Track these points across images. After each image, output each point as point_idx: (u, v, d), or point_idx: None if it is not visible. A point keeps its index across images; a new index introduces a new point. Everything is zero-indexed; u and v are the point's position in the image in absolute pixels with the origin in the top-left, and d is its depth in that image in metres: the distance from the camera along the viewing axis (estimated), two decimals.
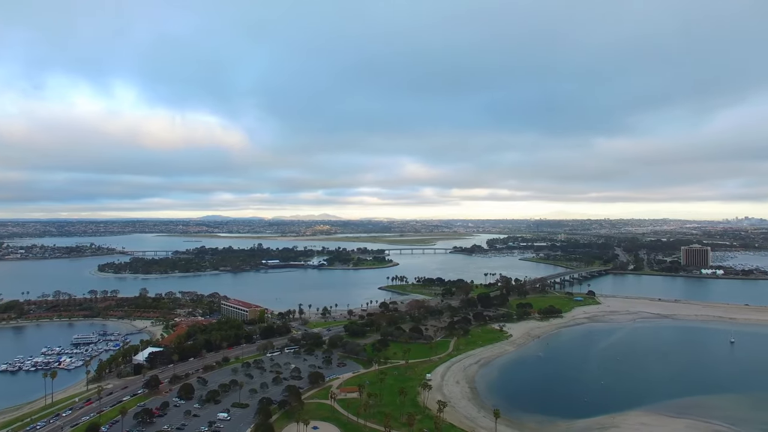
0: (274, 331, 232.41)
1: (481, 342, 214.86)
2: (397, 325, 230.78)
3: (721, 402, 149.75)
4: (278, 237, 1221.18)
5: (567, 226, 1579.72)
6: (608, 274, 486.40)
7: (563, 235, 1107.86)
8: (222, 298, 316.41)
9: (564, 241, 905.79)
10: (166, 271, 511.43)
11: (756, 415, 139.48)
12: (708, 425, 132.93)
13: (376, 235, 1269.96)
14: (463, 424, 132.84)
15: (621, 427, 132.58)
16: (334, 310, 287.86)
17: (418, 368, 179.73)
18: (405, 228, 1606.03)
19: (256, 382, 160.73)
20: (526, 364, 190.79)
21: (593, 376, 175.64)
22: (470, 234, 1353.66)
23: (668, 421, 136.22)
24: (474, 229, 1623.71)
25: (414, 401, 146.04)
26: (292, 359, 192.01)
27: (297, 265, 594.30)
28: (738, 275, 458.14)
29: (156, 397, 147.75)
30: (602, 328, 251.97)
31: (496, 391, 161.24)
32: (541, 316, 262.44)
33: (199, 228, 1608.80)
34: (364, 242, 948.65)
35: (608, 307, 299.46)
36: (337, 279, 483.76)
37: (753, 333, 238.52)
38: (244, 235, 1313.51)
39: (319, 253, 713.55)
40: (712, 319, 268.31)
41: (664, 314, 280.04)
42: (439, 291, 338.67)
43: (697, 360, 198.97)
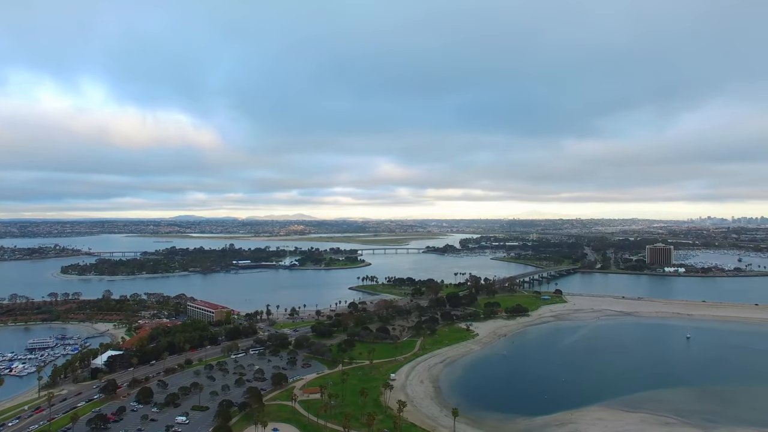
0: (240, 333, 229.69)
1: (448, 341, 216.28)
2: (365, 325, 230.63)
3: (673, 395, 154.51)
4: (251, 237, 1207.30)
5: (539, 225, 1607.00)
6: (576, 272, 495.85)
7: (535, 235, 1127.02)
8: (189, 299, 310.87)
9: (535, 241, 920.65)
10: (134, 273, 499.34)
11: (702, 407, 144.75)
12: (659, 418, 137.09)
13: (350, 235, 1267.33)
14: (425, 423, 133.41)
15: (578, 422, 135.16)
16: (303, 310, 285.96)
17: (382, 368, 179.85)
18: (379, 228, 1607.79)
19: (217, 384, 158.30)
20: (491, 363, 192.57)
21: (555, 374, 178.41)
22: (444, 234, 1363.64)
23: (623, 416, 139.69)
24: (448, 228, 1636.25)
25: (376, 401, 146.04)
26: (256, 361, 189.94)
27: (268, 266, 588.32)
28: (698, 273, 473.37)
29: (113, 402, 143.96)
30: (567, 326, 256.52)
31: (459, 390, 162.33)
32: (508, 315, 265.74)
33: (171, 228, 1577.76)
34: (338, 242, 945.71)
35: (574, 305, 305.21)
36: (308, 279, 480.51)
37: (708, 328, 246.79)
38: (217, 235, 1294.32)
39: (292, 253, 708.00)
40: (671, 316, 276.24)
41: (627, 312, 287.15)
42: (408, 291, 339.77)
43: (654, 355, 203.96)
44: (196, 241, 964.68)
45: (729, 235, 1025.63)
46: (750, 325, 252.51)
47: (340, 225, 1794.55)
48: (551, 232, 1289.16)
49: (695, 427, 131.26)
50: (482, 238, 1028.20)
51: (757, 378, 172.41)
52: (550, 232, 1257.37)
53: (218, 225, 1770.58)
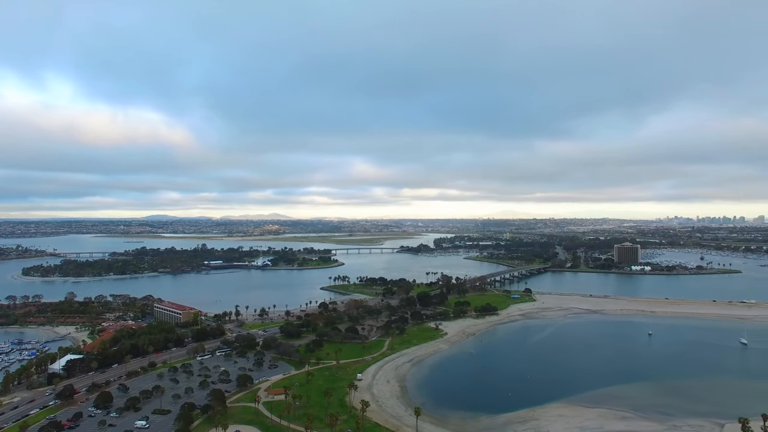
0: (208, 334, 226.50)
1: (416, 341, 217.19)
2: (334, 326, 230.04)
3: (632, 390, 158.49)
4: (225, 237, 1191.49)
5: (513, 225, 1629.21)
6: (547, 271, 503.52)
7: (508, 234, 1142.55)
8: (156, 300, 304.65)
9: (509, 241, 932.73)
10: (100, 274, 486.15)
11: (659, 400, 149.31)
12: (617, 413, 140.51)
13: (325, 235, 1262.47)
14: (389, 423, 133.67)
15: (540, 419, 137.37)
16: (273, 311, 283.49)
17: (350, 368, 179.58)
18: (355, 228, 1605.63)
19: (181, 387, 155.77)
20: (458, 362, 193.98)
21: (520, 372, 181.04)
22: (419, 233, 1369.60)
23: (583, 411, 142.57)
24: (423, 228, 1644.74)
25: (342, 402, 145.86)
26: (222, 362, 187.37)
27: (240, 266, 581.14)
28: (662, 271, 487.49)
29: (69, 408, 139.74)
30: (535, 324, 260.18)
31: (425, 389, 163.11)
32: (477, 314, 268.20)
33: (142, 228, 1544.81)
34: (313, 242, 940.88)
35: (543, 304, 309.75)
36: (280, 279, 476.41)
37: (668, 325, 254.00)
38: (190, 235, 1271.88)
39: (265, 253, 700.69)
40: (635, 313, 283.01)
41: (594, 309, 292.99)
42: (380, 290, 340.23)
43: (617, 352, 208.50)
44: (168, 242, 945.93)
45: (693, 234, 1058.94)
46: (707, 320, 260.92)
47: (315, 225, 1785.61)
48: (525, 231, 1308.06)
49: (651, 421, 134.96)
50: (456, 237, 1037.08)
51: (710, 372, 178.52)
52: (523, 232, 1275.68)
53: (191, 225, 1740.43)
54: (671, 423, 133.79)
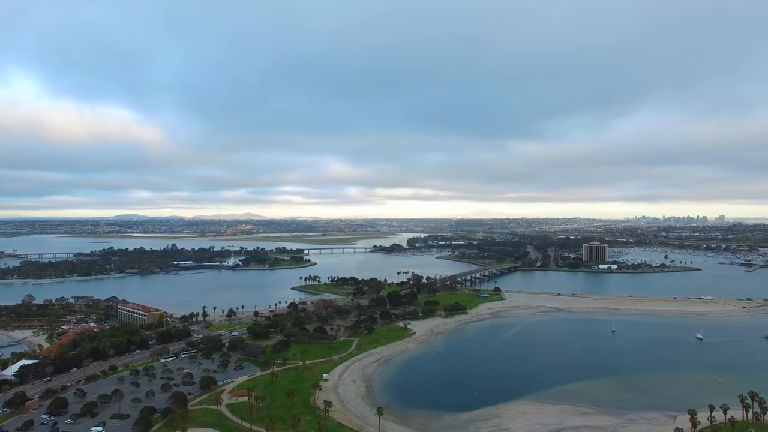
0: (173, 336, 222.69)
1: (385, 340, 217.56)
2: (302, 326, 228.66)
3: (593, 387, 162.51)
4: (196, 237, 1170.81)
5: (487, 225, 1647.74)
6: (518, 270, 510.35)
7: (481, 234, 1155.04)
8: (120, 302, 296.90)
9: (481, 240, 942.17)
10: (63, 275, 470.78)
11: (618, 396, 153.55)
12: (578, 409, 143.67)
13: (298, 235, 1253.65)
14: (352, 423, 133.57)
15: (503, 417, 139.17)
16: (241, 311, 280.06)
17: (316, 368, 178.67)
18: (329, 227, 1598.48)
19: (142, 390, 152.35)
20: (425, 361, 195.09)
21: (487, 370, 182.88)
22: (393, 233, 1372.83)
23: (545, 408, 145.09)
24: (398, 228, 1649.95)
25: (306, 402, 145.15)
26: (187, 364, 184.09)
27: (211, 266, 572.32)
28: (628, 269, 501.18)
29: (21, 416, 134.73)
30: (503, 322, 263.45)
31: (391, 389, 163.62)
32: (446, 313, 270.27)
33: (111, 228, 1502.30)
34: (286, 242, 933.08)
35: (512, 302, 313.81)
36: (251, 280, 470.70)
37: (631, 321, 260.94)
38: (161, 235, 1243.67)
39: (237, 253, 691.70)
40: (600, 311, 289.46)
41: (561, 308, 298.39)
42: (351, 290, 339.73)
43: (581, 349, 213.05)
44: (137, 242, 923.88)
45: (659, 233, 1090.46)
46: (667, 317, 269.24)
47: (289, 224, 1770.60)
48: (498, 231, 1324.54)
49: (609, 415, 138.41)
50: (430, 237, 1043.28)
51: (667, 366, 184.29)
52: (496, 231, 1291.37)
53: (163, 225, 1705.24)
54: (628, 417, 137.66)
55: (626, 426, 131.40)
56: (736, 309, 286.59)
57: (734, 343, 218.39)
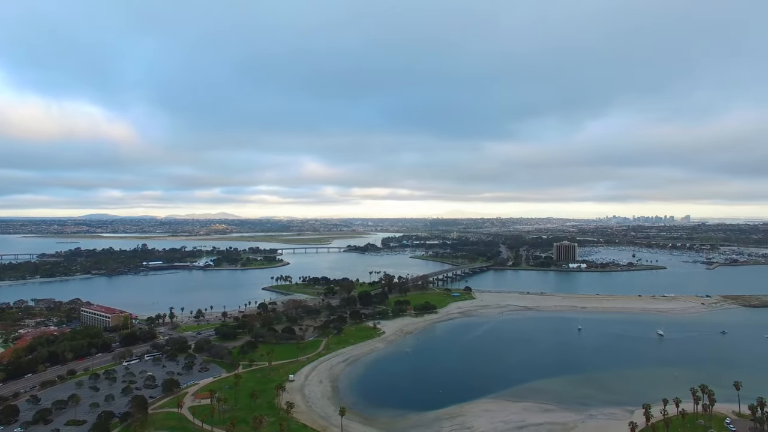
0: (138, 338, 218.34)
1: (353, 340, 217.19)
2: (270, 326, 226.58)
3: (556, 384, 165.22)
4: (168, 237, 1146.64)
5: (461, 224, 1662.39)
6: (490, 270, 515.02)
7: (456, 234, 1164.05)
8: (84, 304, 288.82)
9: (455, 239, 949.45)
10: (24, 277, 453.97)
11: (580, 392, 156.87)
12: (540, 406, 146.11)
13: (273, 234, 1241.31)
14: (316, 424, 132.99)
15: (466, 415, 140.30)
16: (209, 312, 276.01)
17: (283, 369, 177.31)
18: (304, 227, 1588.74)
19: (101, 394, 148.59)
20: (393, 361, 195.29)
21: (453, 369, 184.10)
22: (368, 233, 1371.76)
23: (509, 406, 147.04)
24: (373, 227, 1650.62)
25: (271, 403, 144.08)
26: (150, 367, 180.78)
27: (181, 267, 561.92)
28: (597, 268, 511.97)
29: None
30: (472, 321, 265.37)
31: (357, 389, 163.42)
32: (416, 313, 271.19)
33: (79, 228, 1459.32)
34: (260, 242, 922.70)
35: (482, 301, 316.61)
36: (222, 280, 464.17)
37: (597, 319, 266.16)
38: (131, 235, 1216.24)
39: (209, 253, 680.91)
40: (568, 309, 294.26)
41: (529, 306, 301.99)
42: (322, 290, 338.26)
43: (548, 347, 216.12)
44: (106, 242, 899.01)
45: (629, 233, 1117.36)
46: (631, 314, 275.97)
47: (264, 224, 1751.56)
48: (472, 230, 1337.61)
49: (571, 412, 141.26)
50: (404, 237, 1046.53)
51: (628, 363, 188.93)
52: (470, 231, 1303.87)
53: (134, 224, 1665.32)
54: (588, 413, 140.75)
55: (586, 422, 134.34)
56: (695, 306, 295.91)
57: (692, 338, 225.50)
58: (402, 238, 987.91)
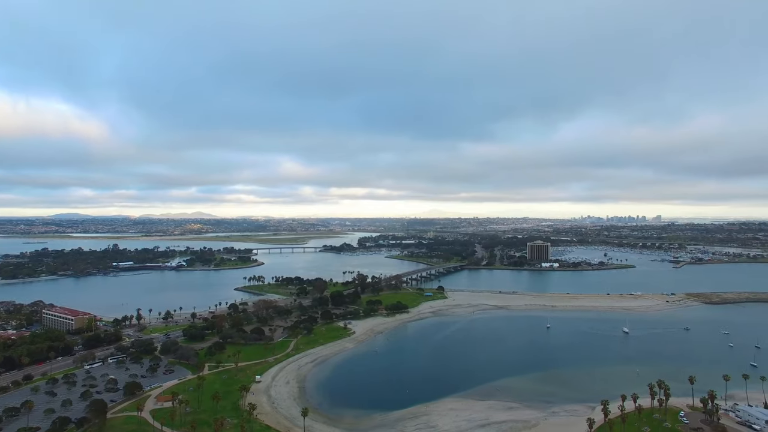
0: (102, 340, 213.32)
1: (323, 340, 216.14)
2: (240, 327, 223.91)
3: (522, 382, 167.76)
4: (141, 237, 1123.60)
5: (438, 224, 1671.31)
6: (464, 269, 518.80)
7: (432, 233, 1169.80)
8: (47, 306, 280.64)
9: (431, 239, 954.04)
10: None
11: (544, 389, 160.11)
12: (505, 404, 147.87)
13: (249, 234, 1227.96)
14: (280, 425, 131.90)
15: (431, 414, 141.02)
16: (179, 313, 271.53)
17: (250, 370, 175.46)
18: (281, 227, 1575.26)
19: (58, 400, 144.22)
20: (361, 361, 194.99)
21: (422, 368, 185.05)
22: (345, 232, 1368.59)
23: (474, 404, 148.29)
24: (351, 227, 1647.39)
25: (235, 405, 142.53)
26: (113, 370, 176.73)
27: (153, 267, 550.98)
28: (569, 267, 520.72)
29: None
30: (443, 321, 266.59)
31: (324, 389, 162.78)
32: (388, 312, 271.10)
33: (48, 228, 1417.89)
34: (235, 242, 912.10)
35: (454, 301, 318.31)
36: (195, 280, 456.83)
37: (566, 318, 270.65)
38: (103, 235, 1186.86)
39: (182, 253, 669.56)
40: (538, 308, 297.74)
41: (501, 306, 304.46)
42: (295, 290, 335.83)
43: (516, 346, 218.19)
44: (76, 242, 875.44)
45: (602, 232, 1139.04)
46: (599, 312, 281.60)
47: (240, 224, 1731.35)
48: (449, 230, 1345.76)
49: (534, 409, 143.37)
50: (381, 236, 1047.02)
51: (593, 360, 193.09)
52: (447, 231, 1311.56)
53: (106, 224, 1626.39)
54: (551, 410, 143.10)
55: (548, 419, 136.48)
56: (660, 303, 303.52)
57: (656, 335, 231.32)
58: (378, 238, 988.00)
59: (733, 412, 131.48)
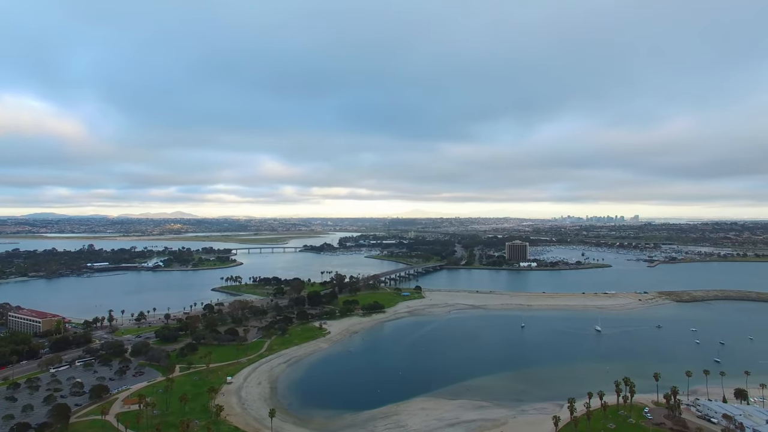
0: (71, 343, 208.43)
1: (298, 341, 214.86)
2: (213, 328, 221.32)
3: (493, 381, 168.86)
4: (119, 237, 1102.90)
5: (420, 224, 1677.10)
6: (443, 269, 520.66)
7: (413, 233, 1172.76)
8: (13, 308, 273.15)
9: (412, 239, 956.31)
10: None
11: (515, 388, 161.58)
12: (475, 403, 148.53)
13: (229, 234, 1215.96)
14: (249, 426, 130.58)
15: (401, 414, 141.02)
16: (152, 314, 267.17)
17: (222, 371, 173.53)
18: (262, 227, 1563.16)
19: (18, 405, 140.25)
20: (335, 361, 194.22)
21: (394, 368, 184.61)
22: (326, 232, 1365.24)
23: (444, 404, 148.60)
24: (332, 227, 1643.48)
25: (205, 407, 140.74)
26: (80, 373, 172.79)
27: (129, 268, 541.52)
28: (547, 267, 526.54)
29: None
30: (420, 320, 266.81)
31: (296, 390, 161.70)
32: (364, 312, 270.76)
33: (20, 228, 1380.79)
34: (215, 242, 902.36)
35: (431, 300, 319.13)
36: (172, 281, 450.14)
37: (540, 317, 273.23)
38: (79, 235, 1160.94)
39: (160, 253, 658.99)
40: (514, 307, 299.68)
41: (477, 305, 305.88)
42: (272, 290, 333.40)
43: (490, 345, 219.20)
44: (50, 242, 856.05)
45: (581, 232, 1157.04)
46: (573, 311, 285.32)
47: (221, 224, 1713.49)
48: (430, 230, 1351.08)
49: (504, 408, 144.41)
50: (361, 236, 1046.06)
51: (565, 358, 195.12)
52: (428, 231, 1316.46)
53: (83, 224, 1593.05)
54: (521, 408, 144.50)
55: (517, 417, 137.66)
56: (633, 302, 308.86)
57: (627, 333, 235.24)
58: (359, 238, 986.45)
59: (694, 406, 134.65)
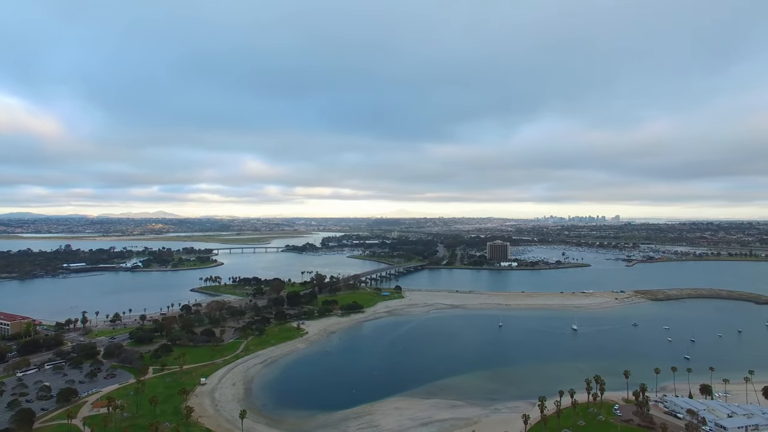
0: (41, 345, 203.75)
1: (275, 341, 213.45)
2: (190, 328, 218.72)
3: (468, 380, 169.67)
4: (99, 237, 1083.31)
5: (404, 224, 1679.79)
6: (425, 269, 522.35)
7: (396, 233, 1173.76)
8: None
9: (395, 239, 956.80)
10: None
11: (489, 387, 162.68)
12: (449, 402, 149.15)
13: (211, 234, 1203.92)
14: (221, 428, 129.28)
15: (375, 413, 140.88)
16: (128, 315, 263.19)
17: (196, 373, 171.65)
18: (245, 226, 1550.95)
19: None
20: (312, 361, 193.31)
21: (370, 368, 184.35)
22: (310, 232, 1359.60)
23: (418, 403, 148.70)
24: (316, 227, 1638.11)
25: (176, 409, 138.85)
26: (48, 376, 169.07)
27: (107, 268, 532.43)
28: (527, 266, 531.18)
29: None
30: (398, 320, 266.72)
31: (271, 390, 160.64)
32: (342, 312, 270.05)
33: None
34: (197, 242, 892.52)
35: (410, 300, 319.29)
36: (150, 282, 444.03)
37: (518, 316, 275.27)
38: (57, 235, 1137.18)
39: (140, 253, 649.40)
40: (492, 307, 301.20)
41: (456, 305, 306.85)
42: (251, 291, 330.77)
43: (467, 344, 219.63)
44: (25, 242, 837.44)
45: (563, 232, 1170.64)
46: (551, 311, 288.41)
47: (203, 223, 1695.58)
48: (414, 230, 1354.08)
49: (477, 407, 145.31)
50: (344, 236, 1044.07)
51: (541, 357, 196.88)
52: (412, 231, 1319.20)
53: (61, 224, 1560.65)
54: (494, 407, 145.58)
55: (489, 416, 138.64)
56: (609, 301, 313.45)
57: (603, 331, 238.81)
58: (342, 238, 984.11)
59: (661, 403, 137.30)
